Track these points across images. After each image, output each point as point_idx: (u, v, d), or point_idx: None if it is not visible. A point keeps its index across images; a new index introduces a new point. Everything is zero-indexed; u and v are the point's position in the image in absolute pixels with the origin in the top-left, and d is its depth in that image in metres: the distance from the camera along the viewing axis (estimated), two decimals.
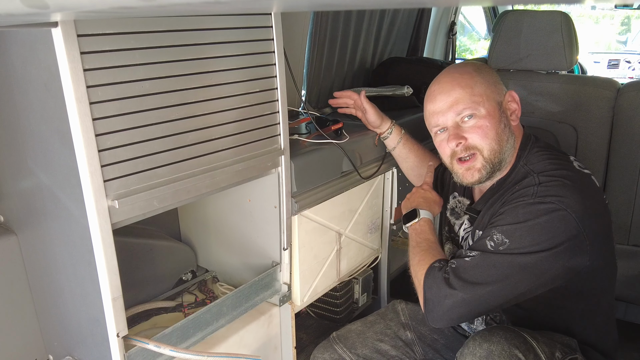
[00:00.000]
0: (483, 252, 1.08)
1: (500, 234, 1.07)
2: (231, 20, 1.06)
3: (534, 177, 1.11)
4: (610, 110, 1.89)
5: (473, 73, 1.18)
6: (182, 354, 1.02)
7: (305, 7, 0.98)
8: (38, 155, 0.95)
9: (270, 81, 1.18)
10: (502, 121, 1.17)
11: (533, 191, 1.08)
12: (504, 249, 1.06)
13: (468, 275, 1.08)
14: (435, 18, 2.74)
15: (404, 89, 1.93)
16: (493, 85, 1.18)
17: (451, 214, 1.35)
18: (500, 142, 1.17)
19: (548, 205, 1.04)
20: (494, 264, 1.06)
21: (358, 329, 1.45)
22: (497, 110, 1.16)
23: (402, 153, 1.58)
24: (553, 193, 1.06)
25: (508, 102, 1.19)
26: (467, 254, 1.11)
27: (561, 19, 1.90)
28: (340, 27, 1.97)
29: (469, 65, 1.23)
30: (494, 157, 1.16)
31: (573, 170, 1.13)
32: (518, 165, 1.17)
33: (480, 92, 1.16)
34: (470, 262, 1.09)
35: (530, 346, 1.02)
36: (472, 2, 1.43)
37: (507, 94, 1.19)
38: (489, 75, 1.19)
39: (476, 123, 1.16)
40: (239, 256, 1.43)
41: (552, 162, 1.14)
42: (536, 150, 1.18)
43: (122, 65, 0.89)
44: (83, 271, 0.96)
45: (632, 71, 4.98)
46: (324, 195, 1.41)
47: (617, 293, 1.30)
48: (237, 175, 1.14)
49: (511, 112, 1.19)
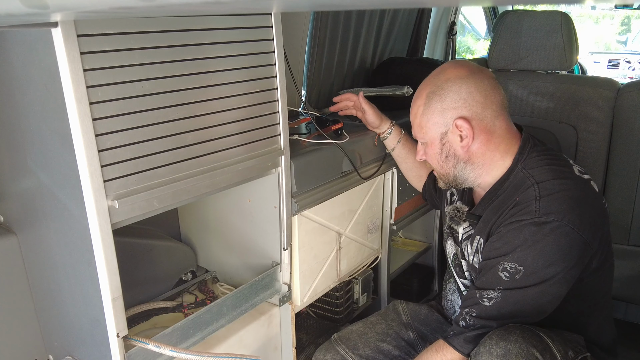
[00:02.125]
0: (502, 290, 1.10)
1: (513, 262, 1.08)
2: (231, 20, 1.06)
3: (535, 188, 1.11)
4: (610, 110, 1.89)
5: (424, 99, 1.19)
6: (182, 354, 1.02)
7: (305, 7, 0.98)
8: (38, 155, 0.95)
9: (270, 81, 1.18)
10: (444, 152, 1.20)
11: (535, 208, 1.08)
12: (520, 277, 1.08)
13: (493, 317, 1.11)
14: (435, 18, 2.74)
15: (404, 89, 1.93)
16: (438, 115, 1.17)
17: (450, 220, 1.36)
18: (443, 169, 1.23)
19: (552, 223, 1.06)
20: (517, 300, 1.09)
21: (359, 329, 1.45)
22: (437, 142, 1.20)
23: (401, 153, 1.58)
24: (555, 209, 1.07)
25: (453, 132, 1.17)
26: (483, 296, 1.12)
27: (561, 19, 1.91)
28: (340, 27, 1.97)
29: (429, 84, 1.20)
30: (445, 178, 1.25)
31: (572, 178, 1.14)
32: (516, 169, 1.17)
33: (421, 124, 1.21)
34: (492, 306, 1.11)
35: (547, 345, 1.03)
36: (472, 2, 1.43)
37: (453, 123, 1.16)
38: (439, 101, 1.16)
39: (425, 148, 1.25)
40: (239, 256, 1.43)
41: (551, 168, 1.14)
42: (535, 155, 1.17)
43: (122, 65, 0.89)
44: (83, 271, 0.96)
45: (632, 71, 4.99)
46: (324, 195, 1.41)
47: (617, 293, 1.31)
48: (237, 175, 1.14)
49: (462, 139, 1.16)
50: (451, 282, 1.43)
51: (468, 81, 1.15)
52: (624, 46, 7.25)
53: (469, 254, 1.28)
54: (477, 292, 1.14)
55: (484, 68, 1.21)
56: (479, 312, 1.12)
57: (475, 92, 1.14)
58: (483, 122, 1.16)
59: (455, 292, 1.42)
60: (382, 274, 1.84)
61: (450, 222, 1.35)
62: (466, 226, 1.30)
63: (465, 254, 1.30)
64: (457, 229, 1.32)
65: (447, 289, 1.46)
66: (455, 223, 1.33)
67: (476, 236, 1.23)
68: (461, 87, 1.14)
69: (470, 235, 1.27)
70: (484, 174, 1.21)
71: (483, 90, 1.15)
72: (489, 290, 1.11)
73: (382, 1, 0.60)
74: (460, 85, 1.15)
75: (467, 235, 1.29)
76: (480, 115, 1.15)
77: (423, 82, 1.22)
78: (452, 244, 1.37)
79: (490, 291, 1.11)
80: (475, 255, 1.24)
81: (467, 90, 1.14)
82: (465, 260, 1.30)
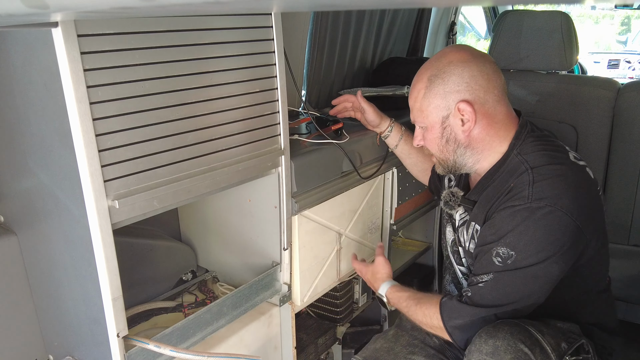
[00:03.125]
0: (494, 273, 1.10)
1: (505, 247, 1.09)
2: (231, 20, 1.06)
3: (528, 173, 1.11)
4: (610, 110, 1.89)
5: (425, 82, 1.17)
6: (182, 354, 1.02)
7: (305, 7, 0.98)
8: (38, 155, 0.95)
9: (270, 81, 1.18)
10: (444, 136, 1.19)
11: (528, 193, 1.08)
12: (512, 262, 1.08)
13: (487, 300, 1.11)
14: (435, 18, 2.74)
15: (404, 89, 1.93)
16: (440, 98, 1.16)
17: (445, 205, 1.34)
18: (443, 153, 1.22)
19: (544, 208, 1.06)
20: (508, 283, 1.09)
21: (384, 346, 1.41)
22: (437, 126, 1.19)
23: (404, 150, 1.57)
24: (548, 194, 1.07)
25: (455, 115, 1.16)
26: (477, 280, 1.13)
27: (561, 19, 1.91)
28: (340, 27, 1.97)
29: (430, 67, 1.19)
30: (444, 163, 1.24)
31: (567, 163, 1.13)
32: (511, 154, 1.16)
33: (422, 108, 1.20)
34: (485, 287, 1.11)
35: (536, 340, 1.04)
36: (472, 2, 1.43)
37: (456, 107, 1.15)
38: (442, 84, 1.15)
39: (424, 133, 1.24)
40: (239, 256, 1.43)
41: (546, 153, 1.14)
42: (531, 140, 1.17)
43: (122, 65, 0.89)
44: (83, 271, 0.96)
45: (632, 71, 4.99)
46: (324, 195, 1.41)
47: (617, 293, 1.31)
48: (237, 175, 1.14)
49: (463, 123, 1.16)
50: (447, 273, 1.43)
51: (471, 65, 1.14)
52: (624, 46, 7.25)
53: (465, 240, 1.28)
54: (473, 277, 1.15)
55: (484, 53, 1.20)
56: (473, 292, 1.13)
57: (479, 76, 1.13)
58: (485, 107, 1.15)
59: (451, 283, 1.41)
60: None
61: (445, 206, 1.34)
62: (462, 212, 1.29)
63: (462, 240, 1.30)
64: (454, 215, 1.32)
65: (445, 280, 1.46)
66: (449, 207, 1.32)
67: (471, 222, 1.24)
68: (464, 70, 1.14)
69: (465, 222, 1.27)
70: (481, 160, 1.20)
71: (486, 74, 1.14)
72: (483, 274, 1.12)
73: (382, 1, 0.60)
74: (463, 69, 1.14)
75: (462, 221, 1.29)
76: (483, 100, 1.14)
77: (423, 66, 1.21)
78: (450, 230, 1.37)
79: (484, 275, 1.12)
80: (471, 242, 1.25)
81: (470, 74, 1.13)
82: (462, 246, 1.31)
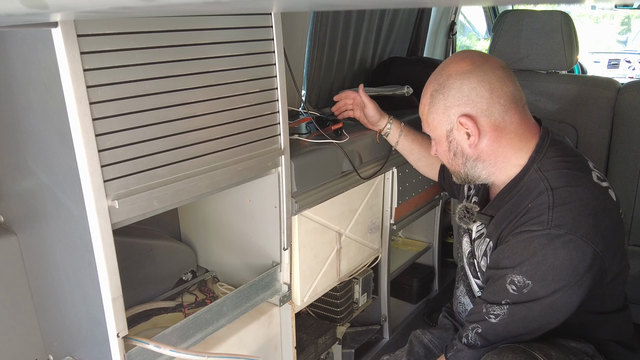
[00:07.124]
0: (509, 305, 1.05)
1: (521, 275, 1.03)
2: (231, 20, 1.06)
3: (548, 195, 1.05)
4: (610, 110, 1.89)
5: (429, 98, 1.17)
6: (182, 354, 1.02)
7: (305, 7, 0.98)
8: (38, 155, 0.95)
9: (270, 81, 1.18)
10: (452, 150, 1.17)
11: (547, 218, 1.03)
12: (527, 291, 1.03)
13: (502, 336, 1.07)
14: (435, 18, 2.74)
15: (404, 89, 1.93)
16: (441, 114, 1.14)
17: (459, 220, 1.29)
18: (453, 166, 1.21)
19: (564, 236, 1.00)
20: (524, 316, 1.05)
21: None
22: (444, 140, 1.18)
23: (405, 145, 1.56)
24: (568, 221, 1.01)
25: (459, 129, 1.14)
26: (489, 311, 1.07)
27: (561, 19, 1.90)
28: (340, 27, 1.97)
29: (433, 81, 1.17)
30: (456, 174, 1.23)
31: (589, 186, 1.07)
32: (531, 169, 1.11)
33: (428, 121, 1.20)
34: (500, 324, 1.06)
35: None
36: (472, 2, 1.43)
37: (457, 121, 1.12)
38: (442, 99, 1.13)
39: (435, 145, 1.24)
40: (239, 256, 1.43)
41: (569, 172, 1.08)
42: (553, 155, 1.11)
43: (122, 65, 0.89)
44: (83, 271, 0.96)
45: (632, 71, 4.99)
46: (324, 195, 1.41)
47: None
48: (237, 175, 1.14)
49: (469, 136, 1.13)
50: (462, 284, 1.38)
51: (470, 76, 1.10)
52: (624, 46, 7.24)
53: (479, 255, 1.24)
54: (483, 306, 1.09)
55: (491, 58, 1.14)
56: (485, 329, 1.08)
57: (479, 88, 1.09)
58: (490, 119, 1.10)
59: (466, 295, 1.36)
60: (382, 273, 1.83)
61: (460, 221, 1.29)
62: (479, 224, 1.25)
63: (476, 254, 1.26)
64: (471, 227, 1.28)
65: (459, 291, 1.40)
66: (464, 223, 1.28)
67: (486, 238, 1.20)
68: (463, 84, 1.10)
69: (482, 234, 1.23)
70: (497, 172, 1.16)
71: (488, 85, 1.09)
72: (495, 304, 1.07)
73: (382, 1, 0.60)
74: (462, 82, 1.10)
75: (479, 233, 1.25)
76: (487, 112, 1.10)
77: (429, 78, 1.19)
78: (467, 241, 1.32)
79: (496, 306, 1.06)
80: (483, 258, 1.21)
81: (470, 87, 1.09)
82: (477, 260, 1.26)
